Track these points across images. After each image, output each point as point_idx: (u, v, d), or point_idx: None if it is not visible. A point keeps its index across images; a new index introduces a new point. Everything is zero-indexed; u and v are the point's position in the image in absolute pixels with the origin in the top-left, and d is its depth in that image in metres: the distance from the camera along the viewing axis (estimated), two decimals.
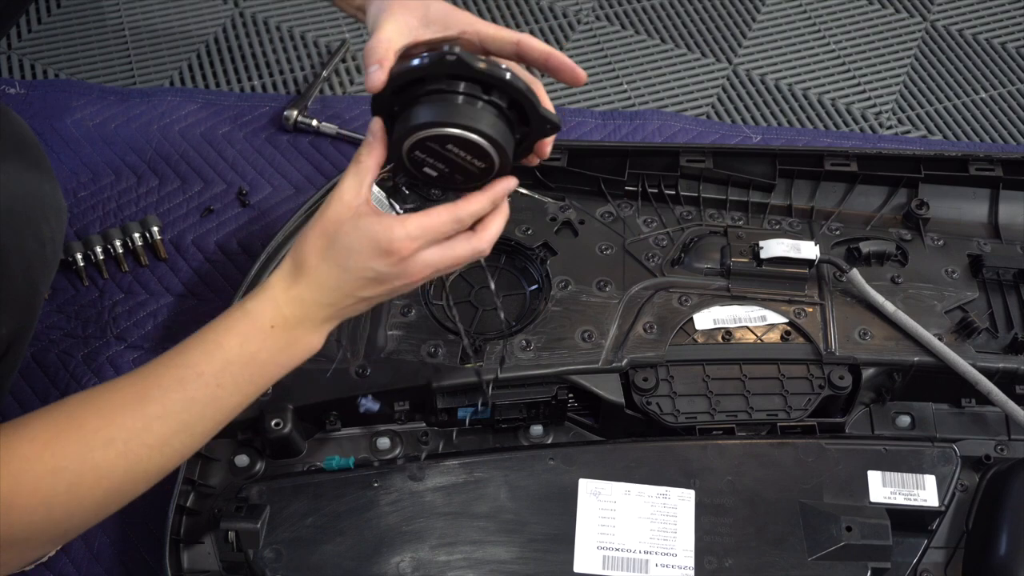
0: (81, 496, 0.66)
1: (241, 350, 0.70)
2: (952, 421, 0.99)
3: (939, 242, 1.09)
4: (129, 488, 0.69)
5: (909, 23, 1.58)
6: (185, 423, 0.69)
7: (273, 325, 0.71)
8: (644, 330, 0.99)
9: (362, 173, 0.71)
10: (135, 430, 0.67)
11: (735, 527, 0.88)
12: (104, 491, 0.67)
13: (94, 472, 0.66)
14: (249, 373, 0.71)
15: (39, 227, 0.85)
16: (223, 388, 0.70)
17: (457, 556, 0.86)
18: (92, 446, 0.66)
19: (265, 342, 0.71)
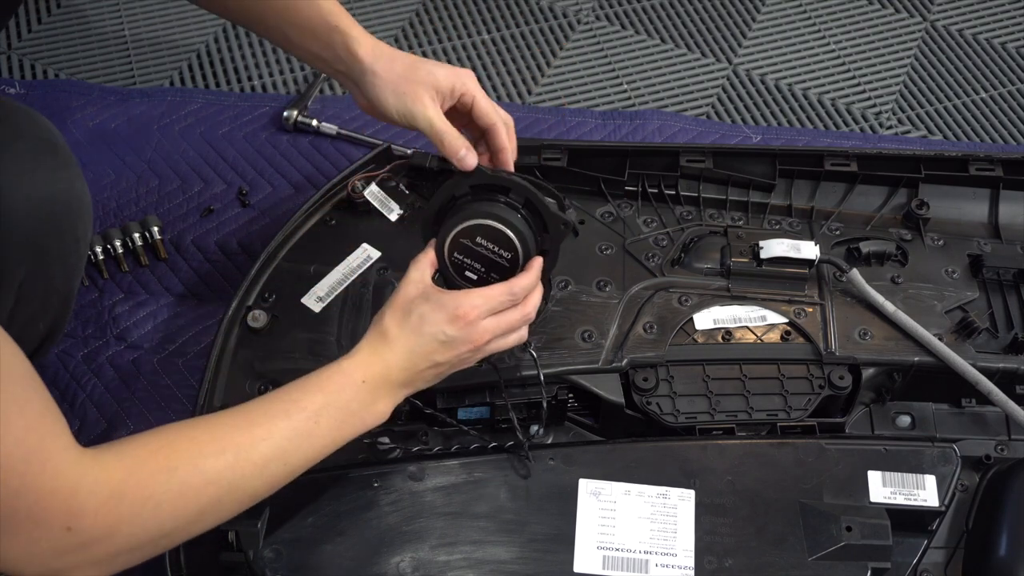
0: (188, 498, 0.70)
1: (337, 396, 0.78)
2: (952, 421, 0.99)
3: (939, 242, 1.09)
4: (229, 502, 0.73)
5: (909, 23, 1.58)
6: (285, 450, 0.75)
7: (364, 380, 0.80)
8: (644, 330, 0.99)
9: (422, 264, 0.83)
10: (243, 446, 0.73)
11: (735, 527, 0.88)
12: (208, 498, 0.71)
13: (203, 476, 0.70)
14: (341, 418, 0.79)
15: (74, 225, 0.87)
16: (319, 426, 0.77)
17: (457, 556, 0.86)
18: (205, 454, 0.71)
19: (356, 394, 0.79)
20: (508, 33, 1.53)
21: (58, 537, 0.64)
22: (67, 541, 0.64)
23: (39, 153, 0.83)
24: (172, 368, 1.14)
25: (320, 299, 1.01)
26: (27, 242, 0.80)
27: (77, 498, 0.64)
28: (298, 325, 1.00)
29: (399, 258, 1.04)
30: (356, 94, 0.92)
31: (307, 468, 0.78)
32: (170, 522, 0.70)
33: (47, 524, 0.63)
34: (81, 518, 0.64)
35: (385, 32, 1.52)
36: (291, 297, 1.02)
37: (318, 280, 1.03)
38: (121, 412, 1.11)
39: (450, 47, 1.51)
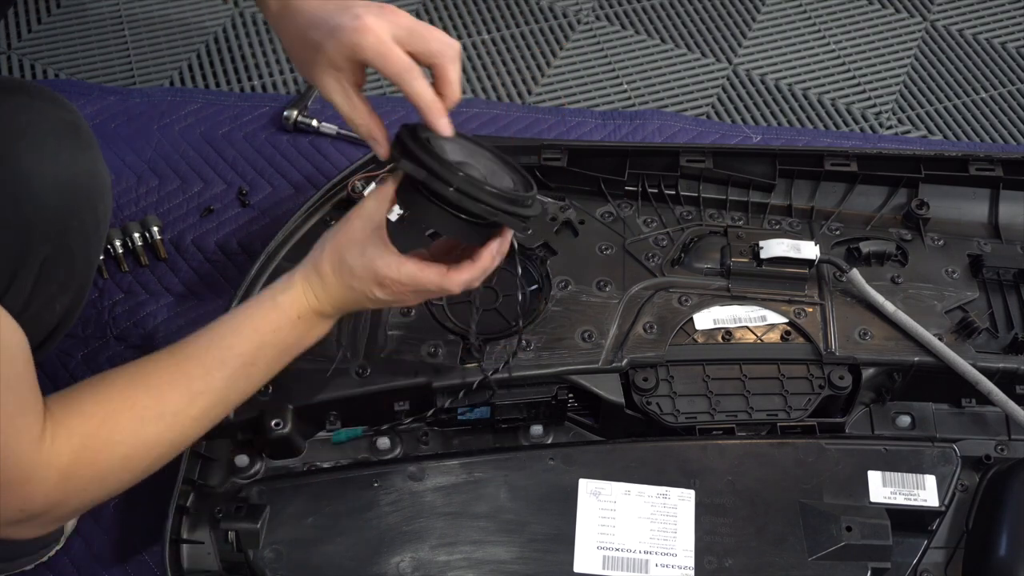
0: (133, 467, 0.75)
1: (274, 336, 0.80)
2: (952, 421, 0.99)
3: (939, 242, 1.09)
4: (173, 454, 0.78)
5: (909, 23, 1.58)
6: (223, 397, 0.79)
7: (299, 316, 0.81)
8: (644, 330, 0.99)
9: (380, 198, 0.79)
10: (182, 405, 0.76)
11: (735, 527, 0.88)
12: (153, 460, 0.76)
13: (145, 445, 0.75)
14: (277, 354, 0.81)
15: (96, 205, 0.88)
16: (256, 367, 0.80)
17: (457, 556, 0.86)
18: (145, 421, 0.74)
19: (292, 330, 0.81)
20: (508, 33, 1.53)
21: (12, 517, 0.70)
22: (19, 518, 0.70)
23: (62, 134, 0.84)
24: None
25: None
26: (51, 220, 0.81)
27: (30, 486, 0.68)
28: None
29: None
30: None
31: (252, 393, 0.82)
32: (115, 487, 0.75)
33: (3, 508, 0.68)
34: (32, 501, 0.69)
35: None
36: None
37: None
38: None
39: None
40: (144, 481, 1.05)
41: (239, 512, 0.87)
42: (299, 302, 0.81)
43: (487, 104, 1.42)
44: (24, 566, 0.99)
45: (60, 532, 1.00)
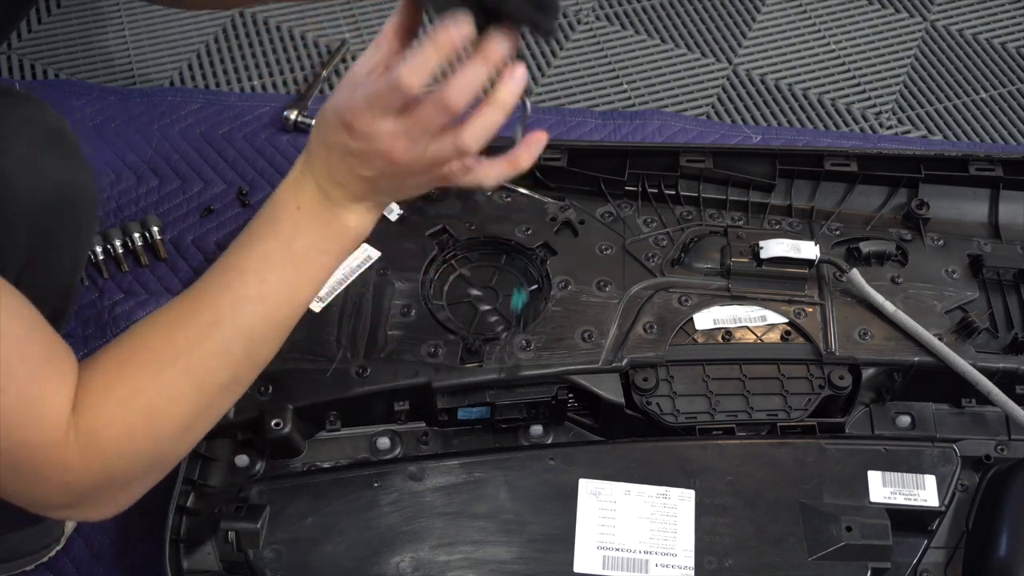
0: (160, 419, 0.67)
1: (276, 239, 0.69)
2: (952, 421, 0.99)
3: (939, 242, 1.09)
4: (205, 405, 0.70)
5: (909, 23, 1.58)
6: (240, 327, 0.68)
7: (298, 206, 0.69)
8: (644, 330, 0.99)
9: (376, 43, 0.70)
10: (194, 340, 0.68)
11: (735, 527, 0.88)
12: (181, 412, 0.68)
13: (166, 392, 0.67)
14: (290, 262, 0.69)
15: (79, 214, 0.87)
16: (268, 283, 0.68)
17: (457, 556, 0.86)
18: (161, 364, 0.67)
19: (295, 225, 0.69)
20: None
21: (61, 489, 0.66)
22: (70, 491, 0.66)
23: (47, 141, 0.84)
24: None
25: (320, 299, 1.01)
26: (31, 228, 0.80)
27: (65, 452, 0.64)
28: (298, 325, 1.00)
29: (399, 258, 1.04)
30: None
31: (290, 324, 0.72)
32: (151, 449, 0.68)
33: (47, 479, 0.65)
34: (71, 471, 0.65)
35: None
36: None
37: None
38: None
39: None
40: None
41: (239, 512, 0.87)
42: (293, 190, 0.69)
43: None
44: (24, 566, 0.99)
45: (60, 532, 1.00)
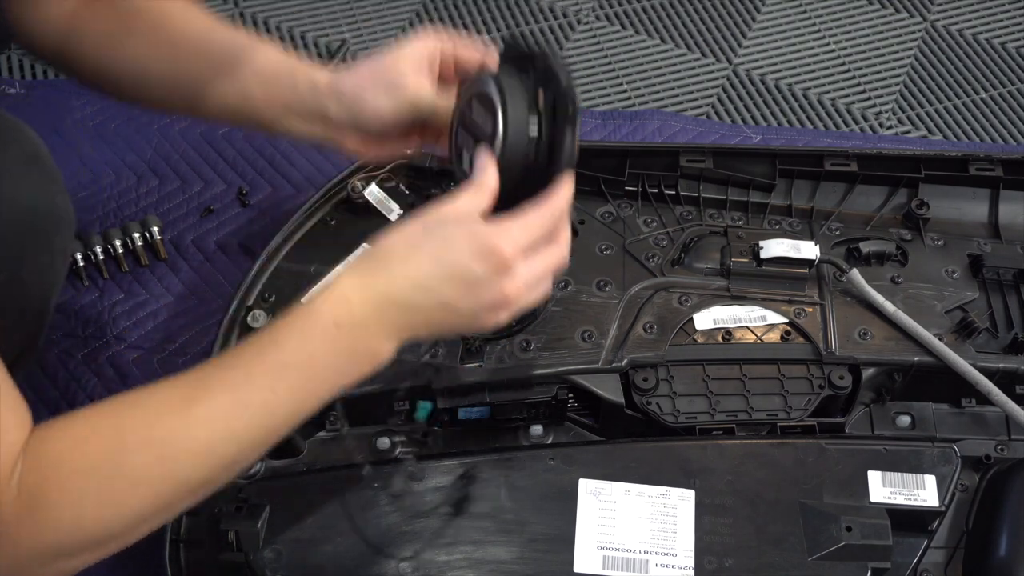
0: (114, 501, 0.61)
1: (299, 351, 0.63)
2: (952, 421, 0.99)
3: (939, 242, 1.09)
4: (171, 496, 0.63)
5: (909, 23, 1.58)
6: (232, 431, 0.63)
7: (338, 324, 0.63)
8: (644, 330, 0.99)
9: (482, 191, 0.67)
10: (175, 433, 0.61)
11: (735, 527, 0.88)
12: (141, 498, 0.62)
13: (128, 477, 0.61)
14: (306, 379, 0.64)
15: (53, 238, 0.86)
16: (276, 394, 0.63)
17: (457, 556, 0.86)
18: (127, 448, 0.61)
19: (326, 343, 0.63)
20: (508, 33, 1.53)
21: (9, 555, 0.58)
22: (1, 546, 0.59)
23: (21, 164, 0.83)
24: (172, 368, 1.14)
25: None
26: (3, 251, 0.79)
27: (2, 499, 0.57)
28: None
29: None
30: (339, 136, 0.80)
31: (281, 435, 0.65)
32: (102, 528, 0.61)
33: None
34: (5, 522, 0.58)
35: (385, 32, 1.52)
36: (291, 297, 1.01)
37: (318, 280, 1.03)
38: None
39: None
40: None
41: (239, 512, 0.87)
42: (340, 304, 0.63)
43: None
44: None
45: None
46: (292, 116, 0.80)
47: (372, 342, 0.65)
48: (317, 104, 0.78)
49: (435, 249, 0.63)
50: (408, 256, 0.64)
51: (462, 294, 0.64)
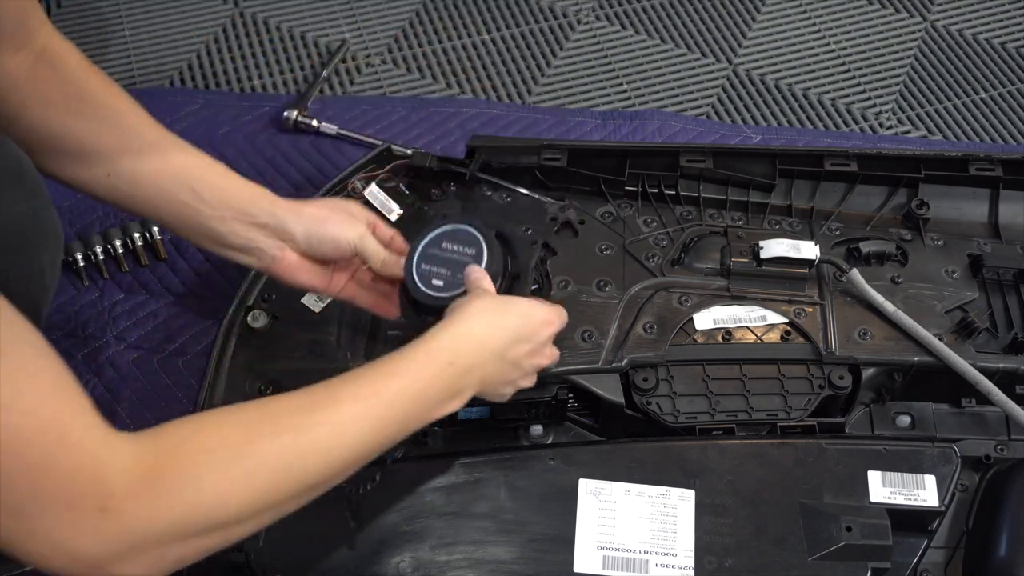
0: (235, 484, 0.63)
1: (416, 381, 0.73)
2: (952, 421, 0.99)
3: (939, 242, 1.09)
4: (288, 490, 0.66)
5: (909, 23, 1.58)
6: (350, 438, 0.69)
7: (451, 363, 0.75)
8: (644, 330, 0.99)
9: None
10: (300, 431, 0.66)
11: (735, 527, 0.88)
12: (259, 486, 0.64)
13: (252, 461, 0.64)
14: (416, 409, 0.73)
15: (39, 254, 0.86)
16: (393, 411, 0.71)
17: (457, 556, 0.86)
18: (254, 436, 0.65)
19: (439, 376, 0.74)
20: (508, 33, 1.53)
21: (93, 520, 0.57)
22: (105, 525, 0.57)
23: (4, 182, 0.82)
24: (172, 368, 1.14)
25: (320, 299, 1.01)
26: None
27: (107, 476, 0.57)
28: (298, 325, 1.00)
29: None
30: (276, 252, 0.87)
31: (375, 456, 0.72)
32: (219, 509, 0.62)
33: (78, 505, 0.57)
34: (114, 499, 0.57)
35: (385, 32, 1.52)
36: (291, 297, 1.02)
37: None
38: (121, 412, 1.11)
39: (450, 47, 1.51)
40: None
41: None
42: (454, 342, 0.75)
43: (487, 104, 1.43)
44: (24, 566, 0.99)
45: None
46: (240, 224, 0.85)
47: (465, 384, 0.77)
48: (275, 218, 0.85)
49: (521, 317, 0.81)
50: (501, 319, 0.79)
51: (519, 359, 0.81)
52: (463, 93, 1.45)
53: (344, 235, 0.86)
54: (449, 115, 1.40)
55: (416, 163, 1.11)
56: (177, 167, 0.83)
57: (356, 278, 0.92)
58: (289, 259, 0.87)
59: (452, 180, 1.12)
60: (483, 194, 1.11)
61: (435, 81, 1.46)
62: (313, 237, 0.86)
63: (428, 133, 1.37)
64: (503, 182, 1.12)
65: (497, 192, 1.11)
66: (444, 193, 1.11)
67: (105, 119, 0.81)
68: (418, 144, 1.34)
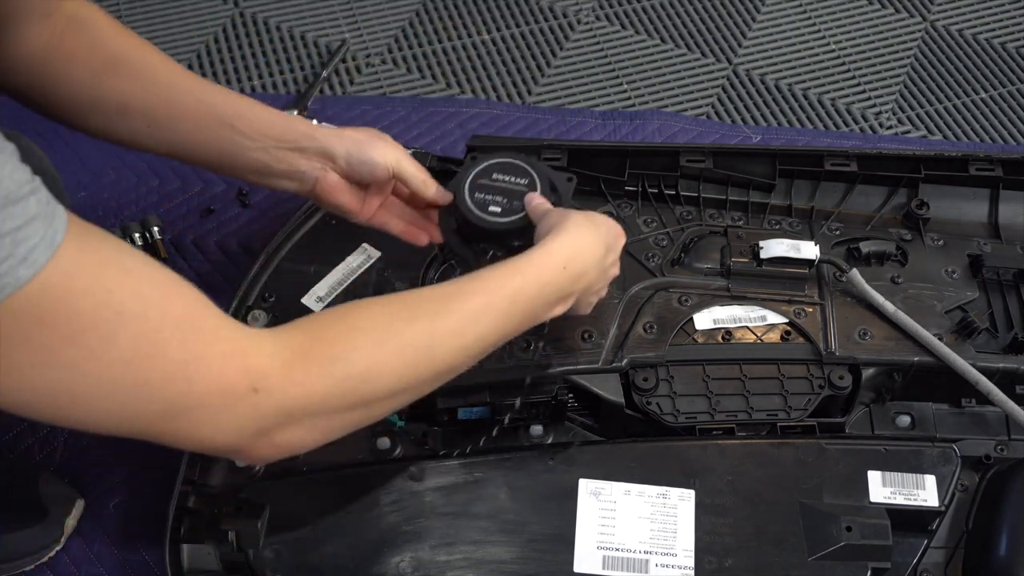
0: (382, 359, 0.68)
1: (538, 280, 0.78)
2: (952, 421, 0.99)
3: (939, 242, 1.09)
4: (426, 369, 0.72)
5: (909, 23, 1.58)
6: (481, 326, 0.74)
7: (565, 267, 0.79)
8: (644, 330, 0.99)
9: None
10: (437, 316, 0.72)
11: (735, 527, 0.88)
12: (403, 364, 0.70)
13: (396, 340, 0.69)
14: (531, 307, 0.78)
15: None
16: (515, 305, 0.76)
17: (457, 556, 0.86)
18: (397, 318, 0.70)
19: (553, 279, 0.79)
20: (508, 33, 1.53)
21: (249, 400, 0.63)
22: (260, 402, 0.63)
23: None
24: None
25: (320, 299, 1.01)
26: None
27: (253, 359, 0.63)
28: None
29: (399, 258, 1.04)
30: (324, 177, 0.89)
31: (493, 349, 0.77)
32: (365, 385, 0.68)
33: (231, 389, 0.62)
34: (266, 377, 0.63)
35: (385, 32, 1.52)
36: (291, 297, 1.02)
37: (318, 280, 1.03)
38: None
39: (450, 47, 1.51)
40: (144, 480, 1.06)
41: (239, 512, 0.86)
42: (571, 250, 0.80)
43: (487, 104, 1.43)
44: (24, 566, 1.00)
45: (60, 532, 1.00)
46: (283, 151, 0.87)
47: (574, 289, 0.82)
48: (316, 142, 0.88)
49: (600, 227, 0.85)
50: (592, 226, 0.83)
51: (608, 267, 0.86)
52: (463, 93, 1.45)
53: (384, 157, 0.89)
54: (449, 115, 1.40)
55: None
56: (214, 107, 0.85)
57: (386, 205, 0.94)
58: (331, 179, 0.89)
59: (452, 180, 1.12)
60: None
61: (435, 81, 1.46)
62: (354, 158, 0.88)
63: (428, 133, 1.37)
64: None
65: None
66: None
67: (139, 76, 0.83)
68: (418, 144, 1.34)
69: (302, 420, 0.66)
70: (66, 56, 0.81)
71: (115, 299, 0.58)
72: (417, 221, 0.95)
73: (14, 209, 0.53)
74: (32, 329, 0.55)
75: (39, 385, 0.57)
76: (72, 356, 0.57)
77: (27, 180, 0.55)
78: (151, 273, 0.61)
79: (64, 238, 0.56)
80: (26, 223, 0.54)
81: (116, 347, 0.58)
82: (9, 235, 0.53)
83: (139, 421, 0.62)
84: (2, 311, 0.54)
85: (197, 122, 0.85)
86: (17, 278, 0.53)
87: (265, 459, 0.68)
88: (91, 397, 0.59)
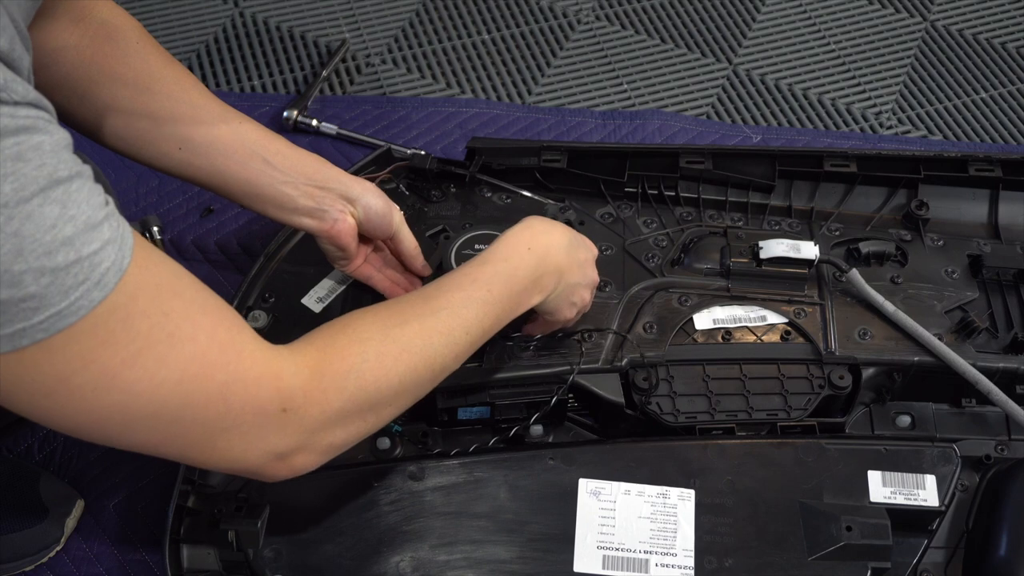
0: (386, 364, 0.71)
1: (505, 264, 0.81)
2: (952, 421, 0.99)
3: (939, 242, 1.09)
4: (424, 371, 0.75)
5: (909, 23, 1.58)
6: (465, 318, 0.77)
7: (529, 247, 0.82)
8: (644, 330, 0.99)
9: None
10: (425, 318, 0.75)
11: (735, 527, 0.88)
12: (406, 365, 0.73)
13: (397, 344, 0.72)
14: (509, 289, 0.80)
15: None
16: (492, 293, 0.79)
17: (457, 556, 0.86)
18: (393, 324, 0.73)
19: (522, 260, 0.82)
20: (508, 33, 1.53)
21: (278, 420, 0.66)
22: (288, 422, 0.66)
23: None
24: None
25: (320, 299, 1.01)
26: None
27: (284, 379, 0.66)
28: (298, 325, 0.99)
29: None
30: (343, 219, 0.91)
31: (485, 340, 0.80)
32: (373, 393, 0.71)
33: (264, 410, 0.65)
34: (293, 397, 0.66)
35: (385, 32, 1.52)
36: (291, 297, 1.02)
37: (318, 280, 1.03)
38: None
39: (450, 47, 1.51)
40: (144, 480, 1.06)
41: (239, 512, 0.86)
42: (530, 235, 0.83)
43: (487, 104, 1.43)
44: (24, 567, 1.00)
45: (60, 532, 1.00)
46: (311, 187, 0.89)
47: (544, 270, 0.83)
48: (342, 184, 0.90)
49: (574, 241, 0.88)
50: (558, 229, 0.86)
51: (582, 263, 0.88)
52: (463, 93, 1.45)
53: (393, 213, 0.93)
54: (449, 115, 1.40)
55: (416, 165, 1.11)
56: (247, 138, 0.86)
57: (368, 259, 0.97)
58: (349, 222, 0.91)
59: (452, 181, 1.12)
60: (483, 195, 1.11)
61: (435, 81, 1.46)
62: (371, 207, 0.91)
63: (428, 133, 1.37)
64: (503, 183, 1.12)
65: (497, 193, 1.11)
66: (444, 194, 1.11)
67: (171, 95, 0.83)
68: (418, 144, 1.34)
69: (321, 438, 0.70)
70: (98, 64, 0.81)
71: (170, 322, 0.59)
72: (400, 280, 0.99)
73: (93, 234, 0.55)
74: (96, 351, 0.56)
75: (96, 407, 0.58)
76: (129, 378, 0.58)
77: (103, 203, 0.57)
78: (199, 296, 0.63)
79: (131, 260, 0.57)
80: (102, 247, 0.55)
81: (167, 369, 0.59)
82: (88, 259, 0.54)
83: (177, 442, 0.63)
84: (71, 334, 0.54)
85: (231, 151, 0.85)
86: (91, 300, 0.55)
87: (281, 477, 0.70)
88: (141, 419, 0.60)
